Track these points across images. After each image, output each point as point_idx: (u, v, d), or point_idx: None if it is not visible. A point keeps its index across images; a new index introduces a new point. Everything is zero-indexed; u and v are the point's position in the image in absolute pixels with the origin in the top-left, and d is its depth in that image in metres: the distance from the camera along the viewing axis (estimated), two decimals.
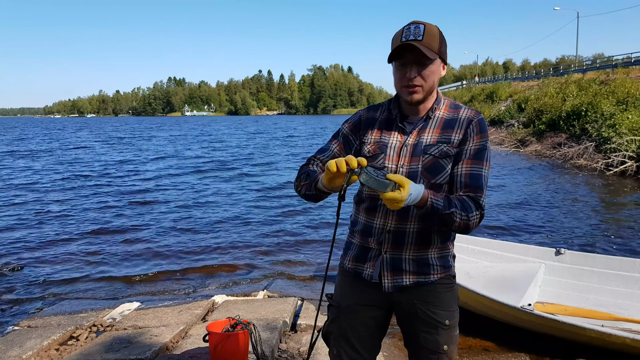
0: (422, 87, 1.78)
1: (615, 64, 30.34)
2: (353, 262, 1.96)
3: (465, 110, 1.86)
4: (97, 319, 4.54)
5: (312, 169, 1.91)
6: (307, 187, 1.85)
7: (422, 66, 1.75)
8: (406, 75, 1.77)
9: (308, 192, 1.86)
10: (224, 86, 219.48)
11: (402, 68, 1.78)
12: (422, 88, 1.78)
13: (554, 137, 20.20)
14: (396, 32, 1.81)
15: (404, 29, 1.77)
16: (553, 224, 8.95)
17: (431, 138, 1.82)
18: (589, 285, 4.83)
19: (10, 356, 3.62)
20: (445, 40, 1.81)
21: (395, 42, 1.78)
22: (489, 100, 34.47)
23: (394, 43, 1.78)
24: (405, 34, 1.75)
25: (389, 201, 1.57)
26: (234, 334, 3.24)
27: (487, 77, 66.47)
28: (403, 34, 1.75)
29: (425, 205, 1.66)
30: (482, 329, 4.40)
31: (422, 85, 1.77)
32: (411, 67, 1.75)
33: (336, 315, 1.98)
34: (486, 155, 1.82)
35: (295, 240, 8.16)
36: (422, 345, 1.88)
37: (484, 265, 5.37)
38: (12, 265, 6.74)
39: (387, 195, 1.55)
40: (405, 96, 1.81)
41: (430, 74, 1.77)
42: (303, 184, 1.88)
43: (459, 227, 1.72)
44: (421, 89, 1.78)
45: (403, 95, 1.82)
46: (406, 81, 1.77)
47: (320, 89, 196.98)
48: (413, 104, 1.82)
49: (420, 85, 1.77)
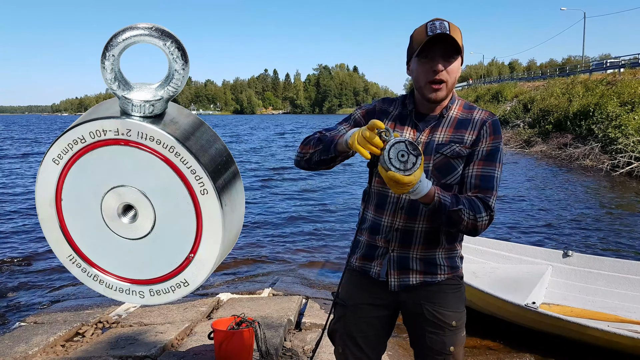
0: (447, 84, 1.75)
1: (623, 65, 30.14)
2: (360, 260, 1.95)
3: (480, 112, 1.84)
4: (102, 315, 4.55)
5: (325, 135, 1.85)
6: (322, 152, 1.79)
7: (448, 61, 1.72)
8: (432, 69, 1.72)
9: (323, 156, 1.79)
10: (230, 85, 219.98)
11: (428, 62, 1.74)
12: (446, 85, 1.75)
13: (560, 138, 20.13)
14: (416, 29, 1.77)
15: (427, 25, 1.73)
16: (559, 225, 8.91)
17: (444, 137, 1.80)
18: (596, 288, 4.80)
19: (17, 352, 3.63)
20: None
21: (419, 37, 1.74)
22: (495, 101, 34.37)
23: (417, 39, 1.74)
24: (430, 28, 1.70)
25: (397, 180, 1.50)
26: (239, 332, 3.24)
27: (493, 77, 66.23)
28: (428, 29, 1.71)
29: (433, 201, 1.64)
30: (486, 329, 4.39)
31: (447, 80, 1.74)
32: (438, 61, 1.72)
33: (342, 314, 1.97)
34: (499, 157, 1.79)
35: (300, 239, 8.17)
36: (428, 345, 1.87)
37: (491, 265, 5.35)
38: (18, 261, 6.77)
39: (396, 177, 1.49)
40: (429, 93, 1.76)
41: (455, 71, 1.75)
42: (314, 150, 1.83)
43: (467, 227, 1.69)
44: (445, 86, 1.75)
45: (426, 91, 1.77)
46: (432, 75, 1.73)
47: (325, 88, 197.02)
48: (436, 101, 1.78)
49: (446, 81, 1.74)
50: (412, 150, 1.51)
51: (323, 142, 1.80)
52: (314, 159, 1.84)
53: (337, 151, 1.74)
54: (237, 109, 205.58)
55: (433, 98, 1.76)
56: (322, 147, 1.80)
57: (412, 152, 1.51)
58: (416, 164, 1.50)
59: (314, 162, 1.85)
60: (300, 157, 1.90)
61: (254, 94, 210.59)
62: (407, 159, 1.50)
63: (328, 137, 1.80)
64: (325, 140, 1.79)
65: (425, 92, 1.77)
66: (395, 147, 1.51)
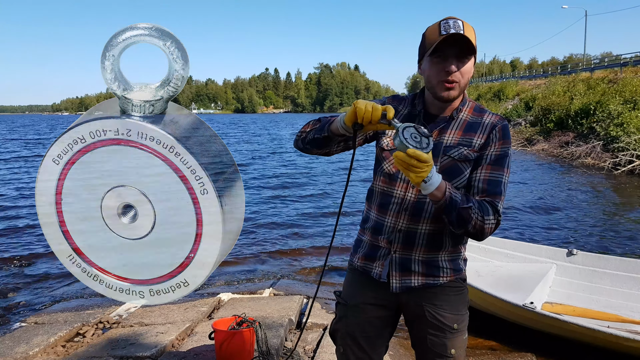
0: (459, 84, 1.72)
1: (624, 63, 30.09)
2: (362, 260, 1.94)
3: (490, 115, 1.81)
4: (103, 315, 4.55)
5: (326, 117, 1.85)
6: (317, 130, 1.79)
7: (461, 61, 1.69)
8: (445, 69, 1.69)
9: (317, 135, 1.78)
10: (231, 84, 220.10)
11: (441, 62, 1.70)
12: (459, 85, 1.72)
13: (562, 136, 20.12)
14: (429, 27, 1.74)
15: (441, 23, 1.69)
16: (562, 223, 8.90)
17: (452, 139, 1.77)
18: (600, 287, 4.78)
19: (17, 352, 3.63)
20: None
21: (432, 36, 1.71)
22: (496, 99, 34.33)
23: (430, 37, 1.71)
24: (444, 27, 1.67)
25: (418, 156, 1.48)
26: (240, 332, 3.23)
27: (495, 76, 66.18)
28: (441, 28, 1.68)
29: (444, 196, 1.60)
30: (488, 329, 4.38)
31: (459, 81, 1.71)
32: (451, 61, 1.69)
33: (343, 313, 1.96)
34: (507, 162, 1.76)
35: (301, 239, 8.16)
36: (429, 348, 1.86)
37: (495, 264, 5.34)
38: (19, 261, 6.77)
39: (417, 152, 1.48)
40: (441, 92, 1.73)
41: (468, 71, 1.72)
42: (311, 128, 1.83)
43: (475, 227, 1.65)
44: (458, 86, 1.72)
45: (439, 90, 1.73)
46: (444, 75, 1.70)
47: (326, 87, 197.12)
48: (448, 100, 1.75)
49: (458, 82, 1.71)
50: (422, 132, 1.55)
51: (321, 121, 1.82)
52: (309, 137, 1.83)
53: (330, 130, 1.73)
54: (238, 108, 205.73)
55: (445, 97, 1.73)
56: (318, 125, 1.80)
57: (422, 134, 1.54)
58: (430, 144, 1.53)
59: (308, 141, 1.83)
60: (298, 137, 1.89)
61: (255, 93, 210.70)
62: (421, 139, 1.53)
63: (327, 118, 1.81)
64: (323, 120, 1.81)
65: (437, 90, 1.74)
66: (407, 129, 1.54)
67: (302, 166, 18.95)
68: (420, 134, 1.53)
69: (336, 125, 1.71)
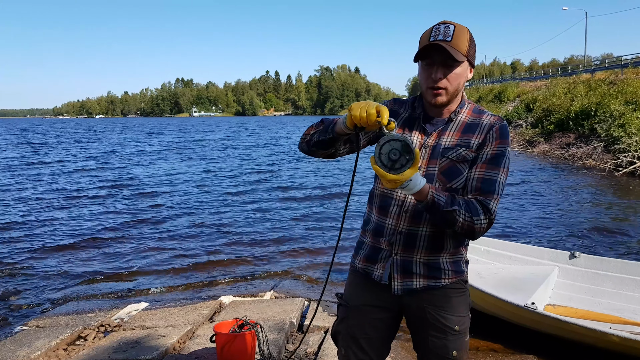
0: (447, 90, 1.73)
1: (625, 64, 30.06)
2: (363, 262, 1.93)
3: (489, 116, 1.82)
4: (104, 319, 4.55)
5: (329, 118, 1.86)
6: (321, 132, 1.81)
7: (448, 68, 1.70)
8: (431, 77, 1.71)
9: (322, 137, 1.80)
10: (232, 87, 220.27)
11: (428, 68, 1.72)
12: (446, 91, 1.73)
13: (563, 138, 20.08)
14: (425, 30, 1.75)
15: (432, 29, 1.71)
16: (563, 225, 8.88)
17: (450, 141, 1.78)
18: (603, 290, 4.77)
19: (19, 356, 3.63)
20: (474, 42, 1.76)
21: (423, 41, 1.72)
22: (497, 101, 34.31)
23: (421, 42, 1.73)
24: (434, 33, 1.69)
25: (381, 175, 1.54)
26: (241, 335, 3.23)
27: (495, 77, 66.16)
28: (432, 34, 1.69)
29: (426, 199, 1.62)
30: (489, 331, 4.36)
31: (446, 87, 1.72)
32: (437, 68, 1.70)
33: (345, 315, 1.96)
34: (504, 162, 1.75)
35: (302, 241, 8.15)
36: (431, 349, 1.86)
37: (497, 266, 5.33)
38: (21, 265, 6.77)
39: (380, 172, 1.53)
40: (430, 98, 1.76)
41: (456, 77, 1.72)
42: (315, 130, 1.85)
43: (463, 228, 1.66)
44: (445, 92, 1.73)
45: (427, 96, 1.77)
46: (431, 82, 1.72)
47: (327, 89, 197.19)
48: (437, 106, 1.78)
49: (445, 88, 1.72)
50: (406, 152, 1.52)
51: (324, 123, 1.83)
52: (314, 139, 1.84)
53: (334, 132, 1.75)
54: (238, 111, 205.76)
55: (433, 103, 1.76)
56: (322, 127, 1.82)
57: (405, 154, 1.52)
58: (405, 166, 1.52)
59: (313, 143, 1.85)
60: (302, 139, 1.91)
61: (255, 96, 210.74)
62: (398, 158, 1.52)
63: (330, 120, 1.82)
64: (326, 122, 1.82)
65: (426, 96, 1.78)
66: (390, 144, 1.53)
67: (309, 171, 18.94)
68: (402, 153, 1.52)
69: (340, 126, 1.73)
